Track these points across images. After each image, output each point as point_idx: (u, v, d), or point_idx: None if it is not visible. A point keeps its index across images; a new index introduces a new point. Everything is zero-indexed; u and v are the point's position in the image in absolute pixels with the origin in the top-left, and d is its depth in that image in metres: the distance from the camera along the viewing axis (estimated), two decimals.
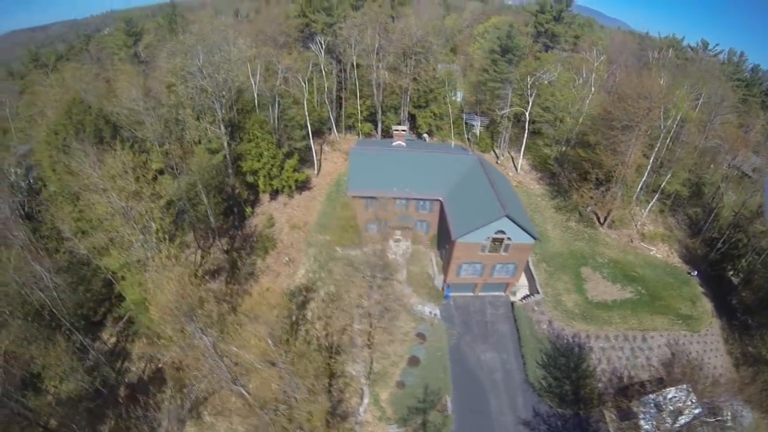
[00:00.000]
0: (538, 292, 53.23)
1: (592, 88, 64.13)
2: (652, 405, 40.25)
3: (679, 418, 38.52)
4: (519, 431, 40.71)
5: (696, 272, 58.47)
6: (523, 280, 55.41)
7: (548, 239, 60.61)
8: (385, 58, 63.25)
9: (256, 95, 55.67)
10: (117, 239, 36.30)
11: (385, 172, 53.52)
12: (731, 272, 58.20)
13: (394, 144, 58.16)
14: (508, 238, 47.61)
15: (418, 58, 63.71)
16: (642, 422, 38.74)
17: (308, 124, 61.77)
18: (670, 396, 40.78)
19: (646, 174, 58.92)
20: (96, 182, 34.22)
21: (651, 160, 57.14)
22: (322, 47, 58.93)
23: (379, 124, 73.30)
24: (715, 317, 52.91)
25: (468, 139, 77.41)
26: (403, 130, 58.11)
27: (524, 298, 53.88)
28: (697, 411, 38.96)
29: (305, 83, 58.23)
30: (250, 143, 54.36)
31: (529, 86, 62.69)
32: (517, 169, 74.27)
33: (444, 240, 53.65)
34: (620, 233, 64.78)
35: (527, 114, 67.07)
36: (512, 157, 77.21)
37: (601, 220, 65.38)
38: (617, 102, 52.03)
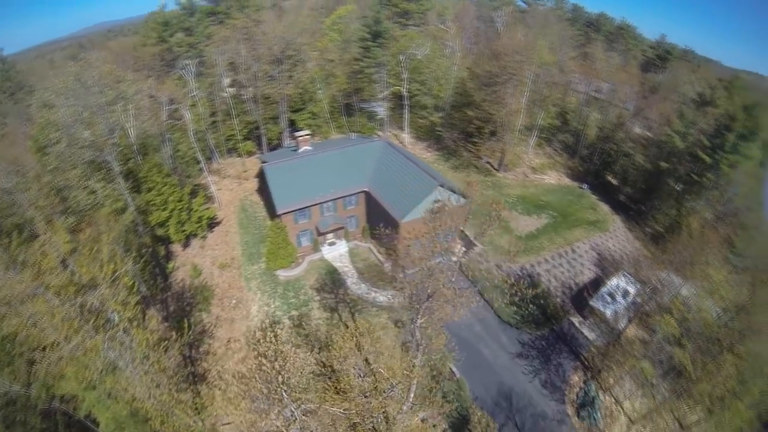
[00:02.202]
0: (475, 245, 62.07)
1: (458, 54, 75.46)
2: (605, 296, 51.68)
3: (627, 297, 50.74)
4: (516, 363, 48.58)
5: (585, 185, 74.02)
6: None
7: None
8: (261, 67, 65.67)
9: (133, 138, 53.94)
10: (69, 353, 30.07)
11: (305, 181, 56.76)
12: (611, 176, 75.00)
13: (300, 151, 61.68)
14: (444, 205, 55.21)
15: (292, 61, 67.52)
16: (606, 312, 49.66)
17: (200, 156, 61.72)
18: (614, 285, 52.88)
19: (522, 116, 71.80)
20: (19, 289, 28.81)
21: (523, 103, 69.93)
22: (191, 72, 59.10)
23: (263, 138, 75.34)
24: (615, 215, 68.40)
25: (374, 126, 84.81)
26: (307, 134, 61.89)
27: (464, 254, 62.27)
28: (636, 288, 51.62)
29: (189, 113, 58.19)
30: (151, 192, 53.04)
31: (402, 65, 71.15)
32: (404, 144, 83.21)
33: (379, 226, 59.10)
34: (515, 173, 77.96)
35: (405, 91, 75.73)
36: (395, 135, 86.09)
37: (496, 167, 77.75)
38: (493, 60, 63.34)
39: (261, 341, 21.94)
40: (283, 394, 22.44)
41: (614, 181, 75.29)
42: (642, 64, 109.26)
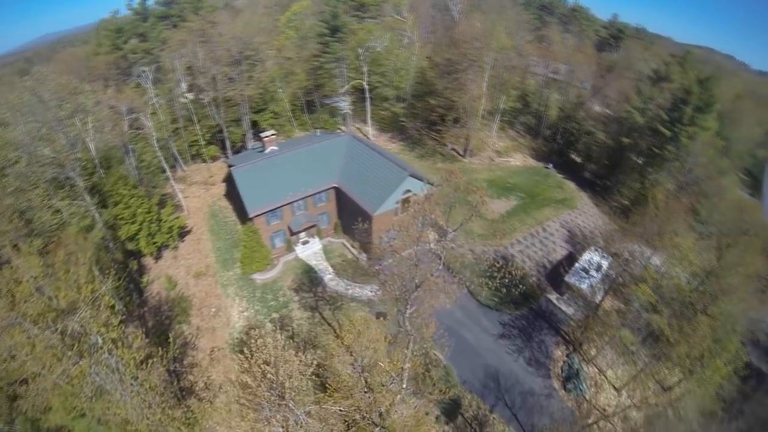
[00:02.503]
0: (447, 232, 62.75)
1: (417, 44, 76.05)
2: (579, 271, 53.38)
3: (601, 271, 52.62)
4: (499, 344, 49.70)
5: (551, 165, 76.01)
6: None
7: None
8: (220, 69, 64.57)
9: (94, 151, 52.40)
10: (53, 383, 29.09)
11: (274, 181, 56.13)
12: (574, 154, 77.34)
13: (267, 151, 61.02)
14: (414, 194, 55.85)
15: (251, 61, 66.62)
16: (582, 286, 51.38)
17: (165, 165, 60.48)
18: (587, 260, 54.68)
19: (484, 101, 73.00)
20: None
21: (484, 88, 71.07)
22: (149, 78, 57.59)
23: (227, 142, 74.21)
24: (582, 191, 70.57)
25: (337, 121, 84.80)
26: (272, 134, 61.24)
27: (438, 241, 62.89)
28: (608, 261, 53.59)
29: (150, 121, 56.83)
30: (118, 206, 51.65)
31: (362, 58, 71.16)
32: (368, 137, 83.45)
33: (350, 221, 58.50)
34: (481, 157, 79.38)
35: (365, 84, 75.78)
36: (358, 128, 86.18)
37: (462, 153, 78.94)
38: (453, 48, 64.19)
39: (262, 348, 21.80)
40: (290, 401, 22.35)
41: (578, 159, 77.80)
42: (596, 44, 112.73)
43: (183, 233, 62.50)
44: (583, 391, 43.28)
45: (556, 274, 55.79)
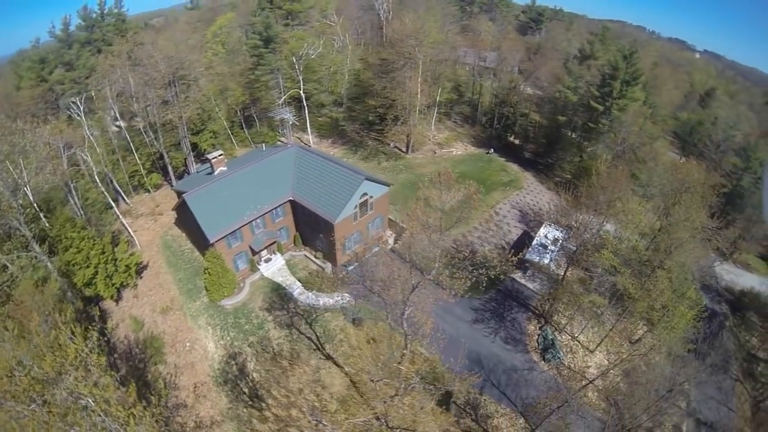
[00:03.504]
0: (405, 230, 64.39)
1: (349, 47, 76.80)
2: (538, 247, 56.69)
3: (557, 244, 56.14)
4: (475, 329, 51.91)
5: (492, 149, 79.42)
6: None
7: None
8: (156, 93, 62.38)
9: (31, 195, 49.64)
10: None
11: (230, 203, 55.10)
12: (513, 137, 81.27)
13: (216, 173, 59.92)
14: (370, 197, 57.05)
15: (185, 82, 64.88)
16: (543, 261, 54.66)
17: (109, 200, 58.15)
18: (543, 235, 58.09)
19: (420, 96, 74.99)
20: None
21: (419, 82, 73.01)
22: (80, 109, 54.79)
23: (169, 168, 72.00)
24: (526, 171, 74.37)
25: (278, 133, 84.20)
26: (220, 155, 60.13)
27: (396, 240, 64.32)
28: (563, 234, 57.15)
29: (88, 155, 54.36)
30: (69, 251, 49.13)
31: (296, 66, 71.12)
32: (310, 145, 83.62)
33: (310, 232, 59.54)
34: (424, 152, 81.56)
35: (302, 93, 75.81)
36: (298, 138, 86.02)
37: (404, 150, 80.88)
38: (389, 48, 65.56)
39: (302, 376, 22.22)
40: (327, 422, 22.80)
41: (517, 141, 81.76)
42: (519, 29, 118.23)
43: (140, 269, 60.21)
44: (561, 359, 46.35)
45: (516, 254, 58.71)
